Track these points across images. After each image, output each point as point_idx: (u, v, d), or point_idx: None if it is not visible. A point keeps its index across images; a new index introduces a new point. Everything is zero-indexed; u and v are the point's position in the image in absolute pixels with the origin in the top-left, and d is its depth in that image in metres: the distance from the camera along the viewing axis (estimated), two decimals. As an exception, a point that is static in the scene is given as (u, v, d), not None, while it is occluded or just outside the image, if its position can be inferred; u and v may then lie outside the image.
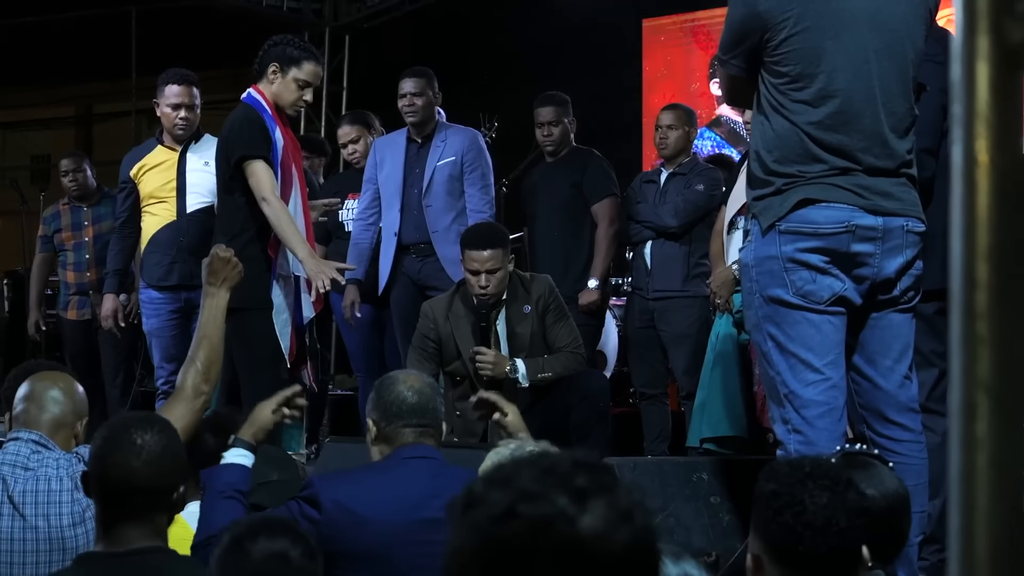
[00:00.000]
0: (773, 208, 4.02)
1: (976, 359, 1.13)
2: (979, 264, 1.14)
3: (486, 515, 1.31)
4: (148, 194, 6.81)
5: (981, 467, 1.13)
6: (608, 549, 1.29)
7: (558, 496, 1.30)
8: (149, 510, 3.00)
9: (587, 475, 1.32)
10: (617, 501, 1.32)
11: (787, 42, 4.00)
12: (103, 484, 3.02)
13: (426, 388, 3.81)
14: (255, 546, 2.52)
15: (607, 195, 7.10)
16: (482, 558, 1.30)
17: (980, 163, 1.15)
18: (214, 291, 4.13)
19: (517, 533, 1.29)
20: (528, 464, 1.35)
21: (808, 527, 2.44)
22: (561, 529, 1.28)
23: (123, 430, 3.03)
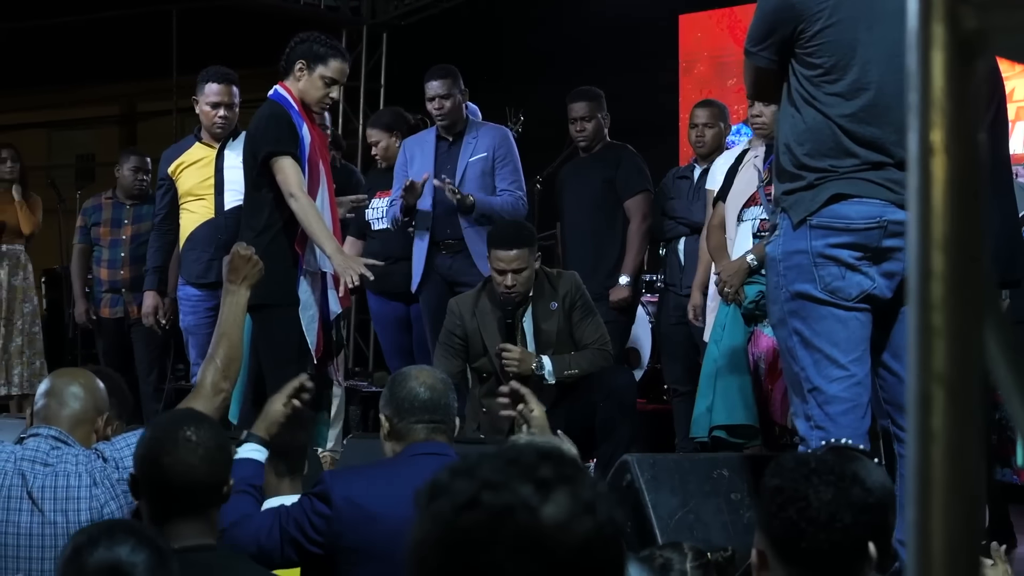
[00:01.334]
0: (804, 202, 3.99)
1: (931, 351, 1.12)
2: (935, 254, 1.13)
3: (449, 504, 1.32)
4: (186, 191, 6.84)
5: (937, 460, 1.12)
6: (569, 540, 1.29)
7: (521, 486, 1.30)
8: (206, 505, 3.06)
9: (551, 466, 1.32)
10: (580, 492, 1.32)
11: (821, 34, 3.97)
12: (161, 484, 3.05)
13: (439, 384, 3.81)
14: (92, 556, 2.39)
15: (640, 191, 7.08)
16: (444, 547, 1.30)
17: (935, 152, 1.13)
18: (234, 288, 4.15)
19: (478, 522, 1.29)
20: (494, 455, 1.35)
21: (812, 523, 2.42)
22: (522, 518, 1.29)
23: (174, 428, 3.09)
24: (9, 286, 8.44)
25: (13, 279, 8.47)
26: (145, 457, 3.11)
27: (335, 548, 3.55)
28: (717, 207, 6.27)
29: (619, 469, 4.23)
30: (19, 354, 8.35)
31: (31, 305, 8.54)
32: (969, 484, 1.12)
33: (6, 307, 8.42)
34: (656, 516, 4.04)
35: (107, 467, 3.61)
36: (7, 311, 8.43)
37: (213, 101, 6.77)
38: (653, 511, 4.05)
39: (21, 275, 8.51)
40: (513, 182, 6.78)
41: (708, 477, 4.16)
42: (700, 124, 7.01)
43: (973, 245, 1.13)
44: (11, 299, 8.45)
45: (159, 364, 7.90)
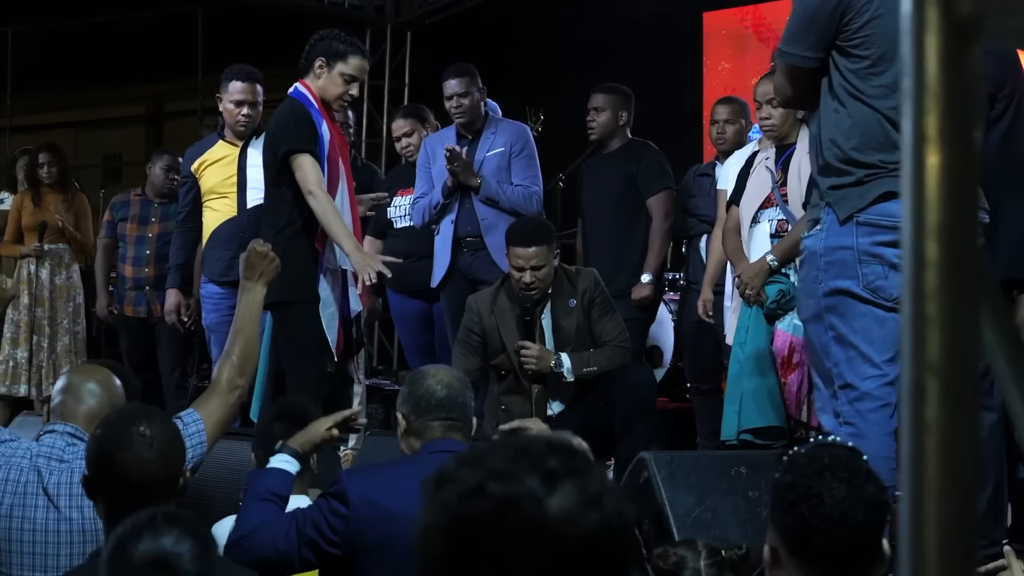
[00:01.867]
0: (852, 198, 3.95)
1: (925, 341, 1.10)
2: (928, 243, 1.11)
3: (455, 493, 1.31)
4: (209, 189, 6.86)
5: (930, 451, 1.10)
6: (575, 532, 1.28)
7: (528, 476, 1.29)
8: (162, 500, 3.00)
9: (559, 458, 1.31)
10: (588, 485, 1.31)
11: (869, 24, 3.92)
12: (115, 481, 3.02)
13: (456, 382, 3.80)
14: (137, 548, 2.38)
15: (662, 189, 7.02)
16: (449, 535, 1.30)
17: (929, 139, 1.12)
18: (251, 285, 4.15)
19: (484, 511, 1.29)
20: (503, 445, 1.34)
21: (824, 520, 2.40)
22: (528, 509, 1.28)
23: (126, 425, 3.04)
24: (52, 285, 8.48)
25: (56, 278, 8.52)
26: (98, 454, 3.06)
27: (353, 548, 3.54)
28: (731, 211, 6.24)
29: (636, 466, 4.22)
30: (67, 353, 8.39)
31: (74, 304, 8.58)
32: (963, 475, 1.11)
33: (49, 306, 8.45)
34: (673, 514, 4.02)
35: (121, 463, 3.61)
36: (50, 310, 8.46)
37: (237, 99, 6.78)
38: (670, 509, 4.03)
39: (64, 274, 8.56)
40: (528, 177, 6.77)
41: (726, 475, 4.13)
42: (721, 121, 6.96)
43: (967, 233, 1.11)
44: (54, 298, 8.49)
45: (182, 362, 7.92)
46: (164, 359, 7.93)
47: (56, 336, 8.44)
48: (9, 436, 3.75)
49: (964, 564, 1.11)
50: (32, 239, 8.50)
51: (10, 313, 8.36)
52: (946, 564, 1.11)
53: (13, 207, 8.74)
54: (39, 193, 8.61)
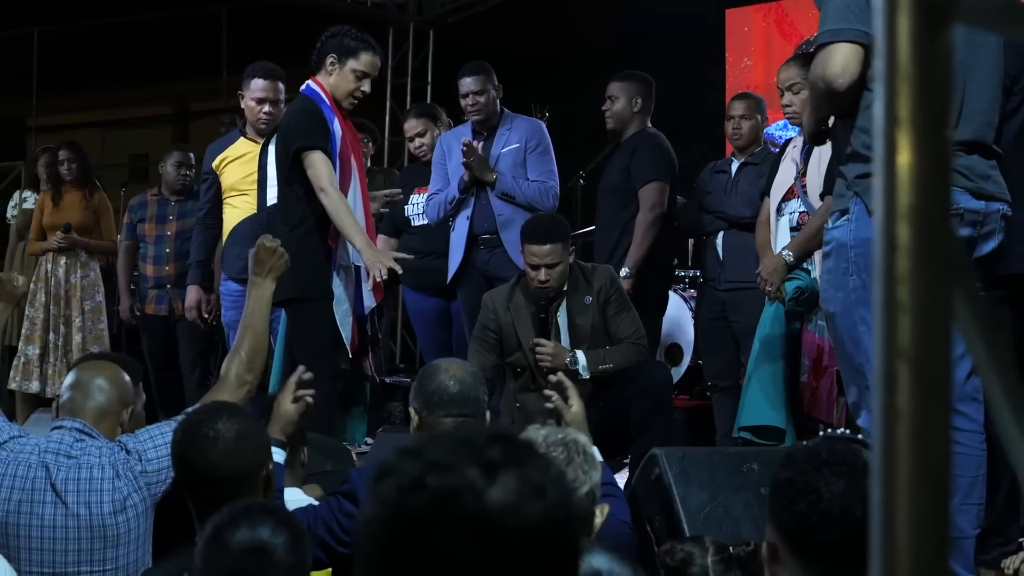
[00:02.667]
0: None
1: (896, 326, 1.08)
2: (900, 226, 1.09)
3: (395, 486, 1.29)
4: (229, 186, 6.85)
5: (902, 440, 1.08)
6: (516, 524, 1.26)
7: (468, 468, 1.27)
8: (240, 495, 3.01)
9: (501, 448, 1.29)
10: (530, 476, 1.29)
11: None
12: (189, 480, 3.09)
13: (468, 378, 3.78)
14: (234, 537, 2.43)
15: (652, 179, 6.82)
16: (390, 529, 1.28)
17: (901, 120, 1.09)
18: (260, 281, 4.14)
19: (423, 503, 1.27)
20: (445, 437, 1.33)
21: (823, 516, 2.36)
22: (468, 501, 1.26)
23: (196, 425, 3.11)
24: (67, 283, 8.50)
25: (72, 276, 8.53)
26: (175, 456, 3.16)
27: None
28: (764, 202, 6.20)
29: (648, 463, 4.19)
30: (80, 351, 8.40)
31: (93, 303, 8.58)
32: (936, 464, 1.08)
33: (64, 304, 8.47)
34: (684, 510, 3.99)
35: (130, 459, 3.62)
36: (66, 308, 8.48)
37: (258, 97, 6.77)
38: (681, 505, 4.00)
39: (80, 272, 8.57)
40: (543, 172, 6.74)
41: (738, 471, 4.10)
42: (736, 116, 6.89)
43: (941, 217, 1.09)
44: (69, 296, 8.50)
45: (203, 360, 7.93)
46: (185, 357, 7.94)
47: (70, 335, 8.46)
48: (18, 432, 3.75)
49: (937, 555, 1.09)
50: (52, 238, 8.53)
51: (28, 311, 8.40)
52: (919, 556, 1.09)
53: (36, 206, 8.79)
54: (59, 192, 8.63)
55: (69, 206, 8.58)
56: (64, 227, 8.45)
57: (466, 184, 6.65)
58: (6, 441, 3.67)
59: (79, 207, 8.59)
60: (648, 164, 6.87)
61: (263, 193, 6.52)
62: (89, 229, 8.60)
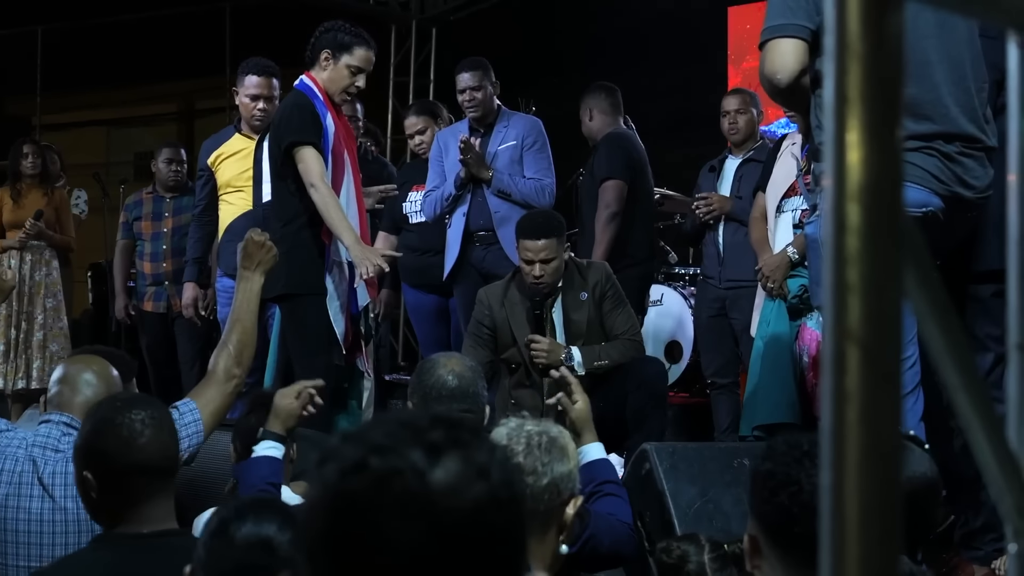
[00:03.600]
0: None
1: (846, 308, 1.07)
2: (849, 206, 1.08)
3: (336, 469, 1.28)
4: (225, 183, 6.84)
5: (851, 422, 1.07)
6: (458, 505, 1.25)
7: (410, 450, 1.27)
8: (164, 487, 3.00)
9: (444, 430, 1.28)
10: (473, 457, 1.28)
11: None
12: (111, 474, 2.99)
13: (467, 372, 3.75)
14: (240, 531, 2.39)
15: (607, 178, 6.86)
16: (330, 512, 1.27)
17: (850, 99, 1.08)
18: (248, 275, 4.13)
19: (364, 486, 1.26)
20: (386, 420, 1.32)
21: (804, 508, 2.35)
22: (410, 482, 1.25)
23: (110, 419, 3.00)
24: (31, 280, 8.47)
25: (36, 274, 8.49)
26: (89, 449, 3.01)
27: None
28: (758, 198, 6.18)
29: (638, 458, 4.18)
30: (40, 348, 8.37)
31: (55, 300, 8.53)
32: (885, 447, 1.07)
33: (27, 302, 8.43)
34: (675, 505, 3.98)
35: (118, 453, 3.60)
36: (28, 306, 8.44)
37: (252, 93, 6.76)
38: (672, 500, 3.98)
39: (44, 270, 8.52)
40: (540, 170, 6.74)
41: (728, 467, 4.09)
42: (732, 112, 6.91)
43: (890, 197, 1.08)
44: (32, 294, 8.46)
45: (202, 357, 7.91)
46: (184, 354, 7.94)
47: (31, 332, 8.43)
48: (5, 426, 3.75)
49: (885, 539, 1.08)
50: (14, 236, 8.50)
51: None
52: (867, 539, 1.08)
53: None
54: (18, 189, 8.60)
55: (30, 203, 8.55)
56: (36, 213, 8.40)
57: (462, 181, 6.65)
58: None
59: (40, 203, 8.54)
60: (604, 163, 6.94)
61: (259, 189, 6.50)
62: (50, 225, 8.57)
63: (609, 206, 6.81)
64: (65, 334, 8.57)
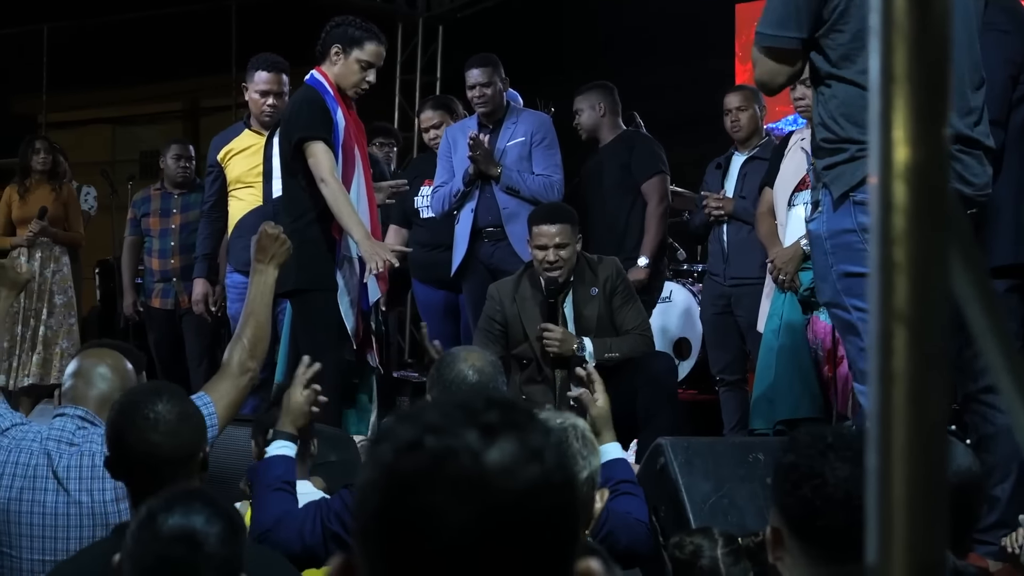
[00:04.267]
0: (845, 176, 3.90)
1: (892, 288, 1.06)
2: (896, 185, 1.07)
3: (391, 448, 1.27)
4: (235, 178, 6.84)
5: (898, 404, 1.06)
6: (513, 486, 1.24)
7: (466, 430, 1.26)
8: (178, 479, 2.98)
9: (499, 412, 1.28)
10: (528, 439, 1.27)
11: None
12: (129, 463, 3.02)
13: (488, 367, 3.74)
14: (166, 523, 2.35)
15: (655, 173, 7.09)
16: (385, 491, 1.26)
17: (897, 78, 1.07)
18: (262, 268, 4.12)
19: (419, 464, 1.25)
20: (442, 402, 1.31)
21: (828, 501, 2.34)
22: (465, 462, 1.24)
23: (133, 406, 3.03)
24: (41, 277, 8.46)
25: (45, 271, 8.48)
26: (111, 438, 3.07)
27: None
28: (764, 193, 6.17)
29: (653, 453, 4.16)
30: (45, 344, 8.35)
31: (64, 297, 8.53)
32: (932, 428, 1.06)
33: (36, 298, 8.42)
34: (690, 500, 3.96)
35: (133, 447, 3.60)
36: (37, 302, 8.43)
37: (262, 89, 6.75)
38: (687, 495, 3.97)
39: (54, 267, 8.51)
40: (549, 167, 6.75)
41: (743, 461, 4.07)
42: (734, 109, 6.92)
43: (937, 176, 1.07)
44: (42, 291, 8.45)
45: (210, 354, 7.91)
46: (192, 350, 7.93)
47: (39, 328, 8.41)
48: (20, 420, 3.74)
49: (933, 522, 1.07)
50: (23, 232, 8.50)
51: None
52: (914, 522, 1.07)
53: (3, 201, 8.75)
54: (26, 185, 8.60)
55: (37, 199, 8.54)
56: (40, 211, 8.39)
57: (471, 177, 6.65)
58: (8, 428, 3.66)
59: (48, 200, 8.54)
60: (649, 158, 7.12)
61: (268, 185, 6.48)
62: (59, 222, 8.57)
63: (663, 200, 7.09)
64: (76, 330, 8.55)
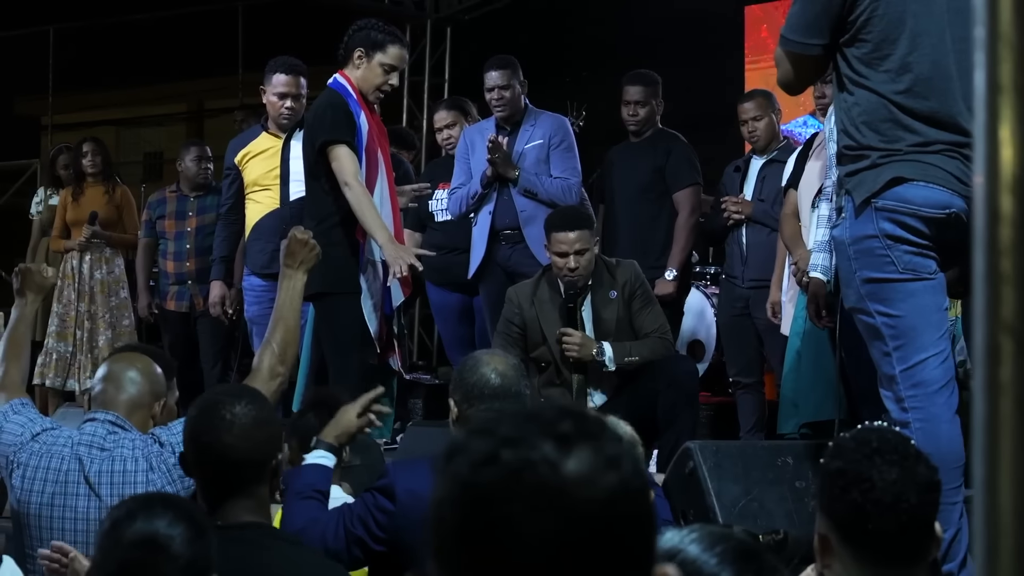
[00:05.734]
0: (867, 182, 3.91)
1: (1000, 299, 1.06)
2: (1003, 196, 1.07)
3: (467, 462, 1.27)
4: (252, 181, 6.83)
5: (1005, 413, 1.06)
6: (592, 495, 1.24)
7: (541, 441, 1.25)
8: (248, 483, 3.00)
9: (572, 422, 1.27)
10: (604, 448, 1.27)
11: (872, 6, 3.89)
12: (201, 463, 3.04)
13: (510, 370, 3.73)
14: (129, 529, 2.37)
15: (690, 184, 7.00)
16: (462, 506, 1.25)
17: (1003, 88, 1.07)
18: (291, 272, 4.11)
19: (497, 478, 1.24)
20: (513, 414, 1.30)
21: (877, 504, 2.36)
22: (543, 473, 1.24)
23: (213, 406, 3.05)
24: (92, 279, 8.45)
25: (96, 272, 8.47)
26: (188, 435, 3.10)
27: (399, 544, 3.48)
28: (788, 195, 6.17)
29: (682, 456, 4.16)
30: (108, 347, 8.33)
31: (117, 299, 8.52)
32: (1040, 438, 1.06)
33: (89, 300, 8.42)
34: (719, 504, 3.97)
35: (164, 452, 3.60)
36: (91, 304, 8.42)
37: (280, 92, 6.75)
38: (716, 499, 3.98)
39: (105, 268, 8.50)
40: (567, 169, 6.72)
41: (772, 465, 4.08)
42: (749, 119, 6.88)
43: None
44: (94, 293, 8.43)
45: (224, 356, 7.91)
46: (206, 353, 7.92)
47: (96, 331, 8.41)
48: (51, 424, 3.74)
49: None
50: (77, 235, 8.49)
51: (55, 307, 8.37)
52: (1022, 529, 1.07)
53: (59, 203, 8.75)
54: (81, 187, 8.60)
55: (90, 201, 8.54)
56: (90, 216, 8.39)
57: (488, 179, 6.64)
58: (39, 433, 3.66)
59: (101, 202, 8.54)
60: (685, 167, 7.04)
61: (286, 188, 6.49)
62: (112, 224, 8.55)
63: (695, 212, 7.00)
64: (131, 332, 8.54)
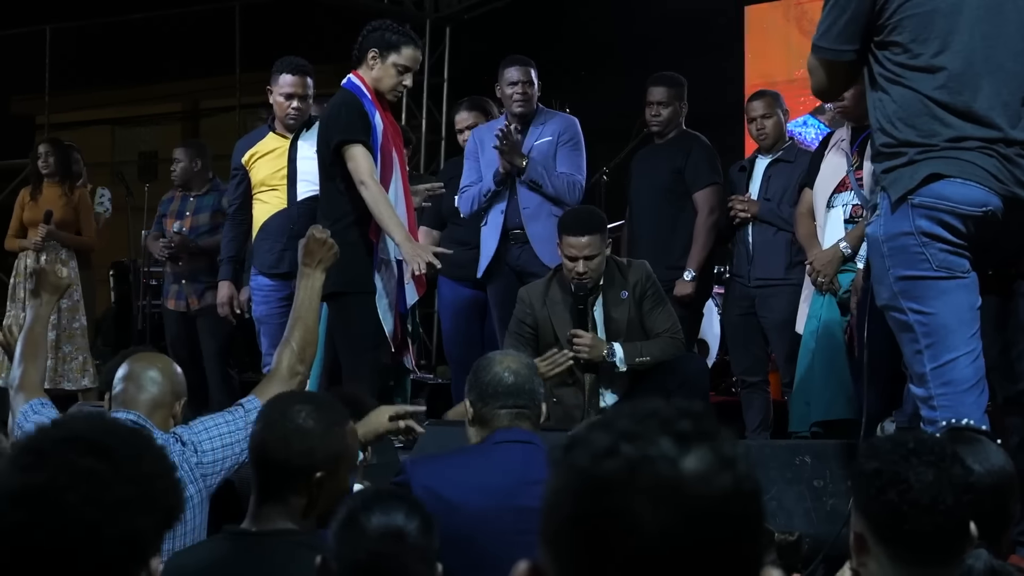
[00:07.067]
0: (904, 179, 3.92)
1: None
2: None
3: (587, 454, 1.30)
4: (259, 181, 6.84)
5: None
6: (709, 492, 1.27)
7: (660, 438, 1.29)
8: (281, 488, 2.97)
9: (691, 421, 1.31)
10: (720, 448, 1.31)
11: (901, 8, 3.91)
12: (256, 457, 3.03)
13: (523, 369, 3.76)
14: (370, 521, 2.46)
15: (709, 184, 6.99)
16: (580, 496, 1.28)
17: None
18: (309, 272, 4.12)
19: (617, 470, 1.27)
20: (632, 411, 1.33)
21: (914, 505, 2.38)
22: (662, 468, 1.27)
23: (276, 405, 3.06)
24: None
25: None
26: (256, 429, 3.07)
27: None
28: (804, 193, 6.19)
29: (699, 455, 4.15)
30: (53, 348, 8.32)
31: (70, 300, 8.48)
32: None
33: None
34: (737, 503, 3.96)
35: (185, 451, 3.61)
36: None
37: (287, 92, 6.74)
38: (734, 498, 3.97)
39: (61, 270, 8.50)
40: (572, 167, 6.73)
41: (790, 464, 4.08)
42: (758, 116, 6.90)
43: None
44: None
45: (223, 355, 7.91)
46: (206, 352, 7.93)
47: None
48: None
49: None
50: (34, 234, 8.50)
51: (9, 308, 8.37)
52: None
53: (17, 202, 8.76)
54: (39, 188, 8.62)
55: (47, 201, 8.55)
56: (45, 215, 8.39)
57: (501, 176, 6.64)
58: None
59: (58, 203, 8.55)
60: (705, 168, 7.05)
61: (293, 188, 6.50)
62: (68, 225, 8.57)
63: (714, 212, 6.96)
64: (82, 333, 8.54)
